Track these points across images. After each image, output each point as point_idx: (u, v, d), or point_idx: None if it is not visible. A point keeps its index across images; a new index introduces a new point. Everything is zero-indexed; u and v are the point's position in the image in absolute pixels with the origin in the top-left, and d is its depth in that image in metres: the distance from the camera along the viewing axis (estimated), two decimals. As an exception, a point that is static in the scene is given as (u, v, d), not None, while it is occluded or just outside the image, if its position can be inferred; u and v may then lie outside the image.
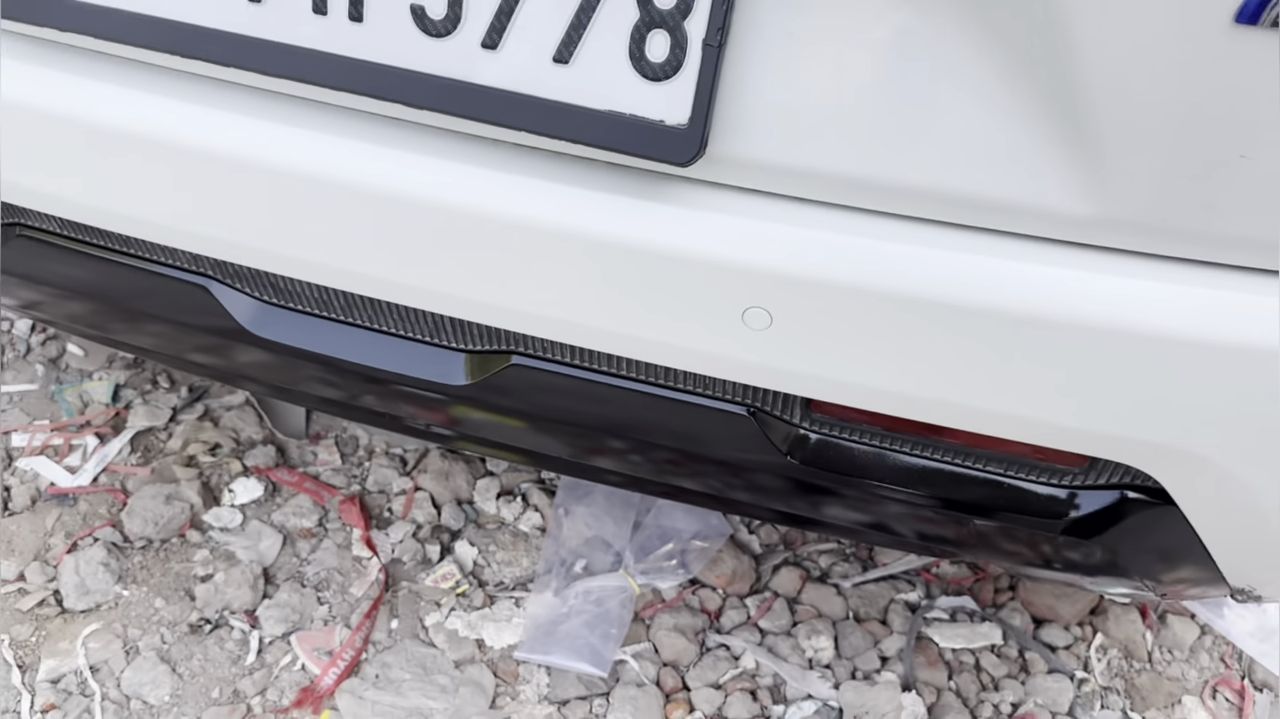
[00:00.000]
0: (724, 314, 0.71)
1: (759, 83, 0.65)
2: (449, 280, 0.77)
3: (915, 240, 0.69)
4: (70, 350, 1.67)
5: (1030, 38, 0.60)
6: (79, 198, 0.84)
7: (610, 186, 0.71)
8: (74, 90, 0.79)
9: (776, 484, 0.90)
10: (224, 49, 0.72)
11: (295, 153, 0.75)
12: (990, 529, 0.86)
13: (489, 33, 0.67)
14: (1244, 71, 0.58)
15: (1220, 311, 0.68)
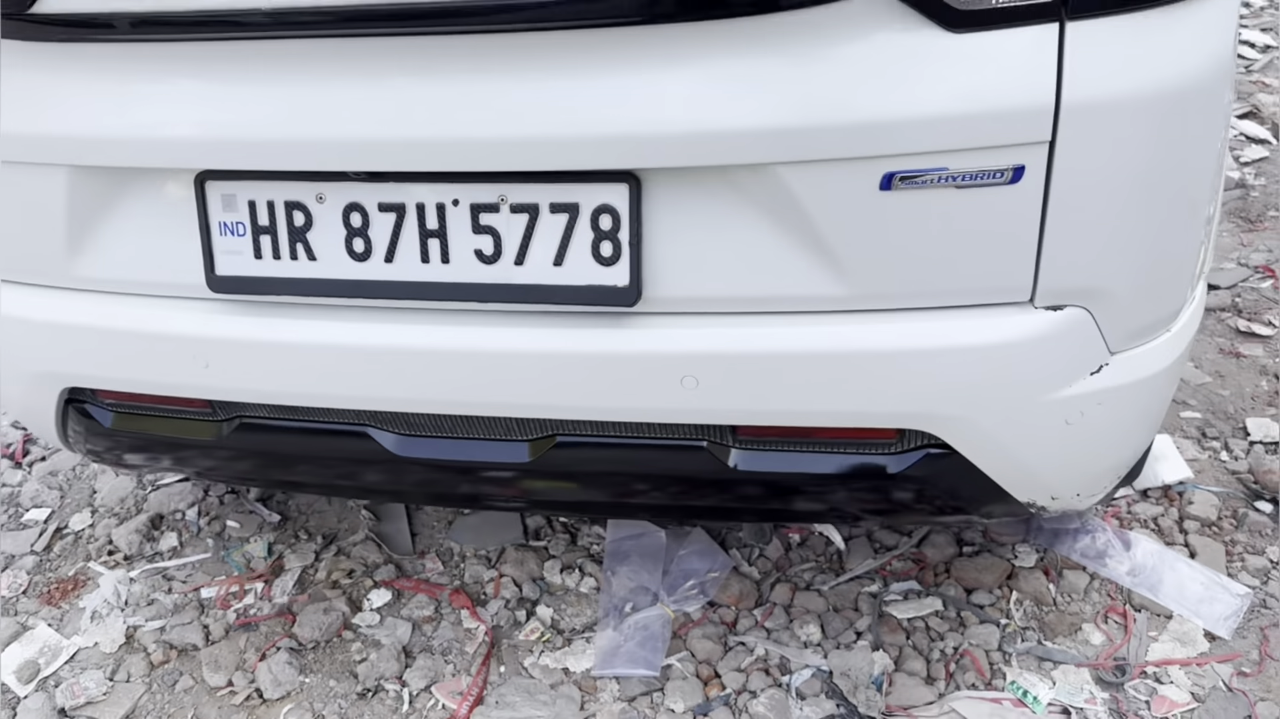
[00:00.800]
0: (669, 382, 1.28)
1: (661, 257, 1.24)
2: (514, 395, 1.34)
3: (767, 324, 1.26)
4: (229, 524, 2.24)
5: (789, 213, 1.19)
6: (289, 389, 1.42)
7: (595, 324, 1.28)
8: (284, 325, 1.38)
9: (727, 491, 1.44)
10: (375, 290, 1.32)
11: (418, 339, 1.33)
12: (859, 491, 1.39)
13: (518, 256, 1.27)
14: (880, 217, 1.16)
15: (947, 331, 1.24)
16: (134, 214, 1.39)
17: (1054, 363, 1.26)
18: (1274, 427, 2.21)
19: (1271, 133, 3.33)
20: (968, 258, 1.20)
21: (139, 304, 1.45)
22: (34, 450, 2.53)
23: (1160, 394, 1.37)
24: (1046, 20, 1.09)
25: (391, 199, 1.29)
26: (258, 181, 1.32)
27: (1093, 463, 1.38)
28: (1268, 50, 3.94)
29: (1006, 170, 1.13)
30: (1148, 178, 1.18)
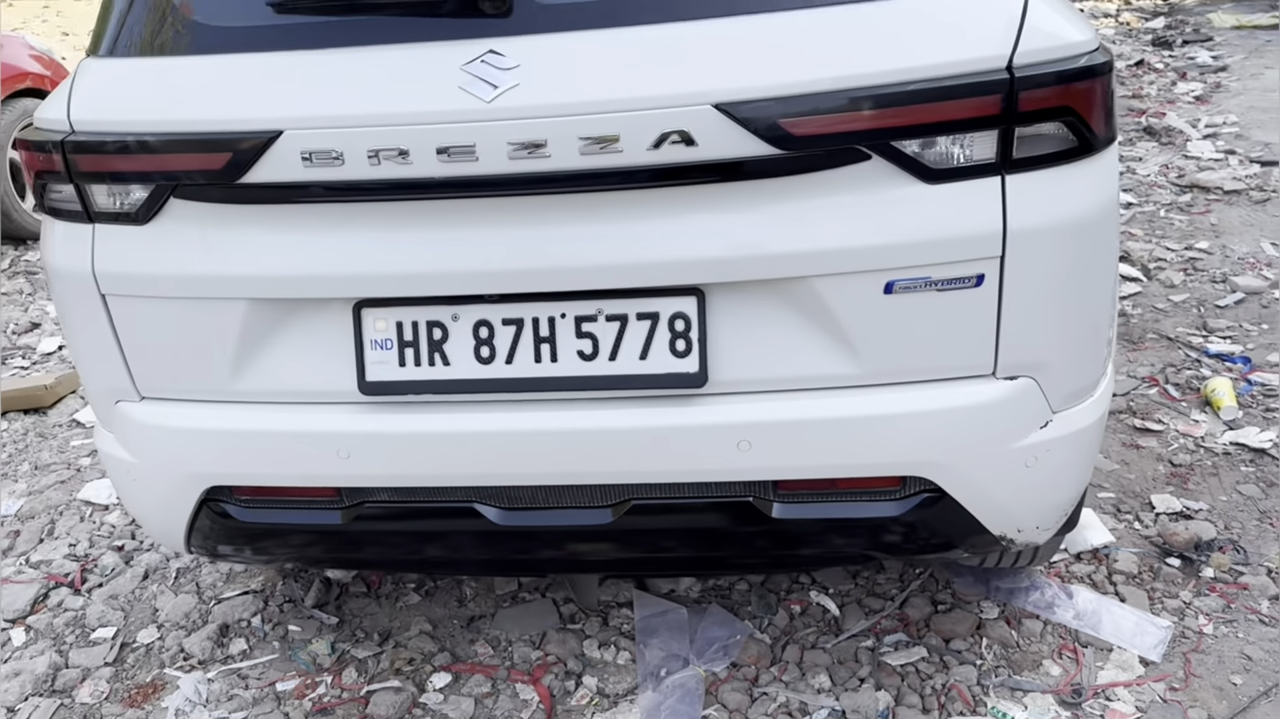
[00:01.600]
0: (728, 445, 1.67)
1: (722, 349, 1.65)
2: (605, 464, 1.71)
3: (802, 397, 1.67)
4: (291, 628, 2.49)
5: (818, 313, 1.62)
6: (417, 471, 1.77)
7: (672, 403, 1.68)
8: (417, 418, 1.74)
9: (771, 539, 1.82)
10: (496, 386, 1.70)
11: (528, 423, 1.70)
12: (874, 531, 1.78)
13: (611, 354, 1.67)
14: (884, 314, 1.60)
15: (935, 398, 1.67)
16: (296, 336, 1.75)
17: (1013, 420, 1.70)
18: (1174, 501, 2.68)
19: (1142, 273, 3.98)
20: (948, 342, 1.65)
21: (290, 410, 1.79)
22: (91, 578, 2.76)
23: (1089, 444, 1.81)
24: (992, 175, 1.57)
25: (513, 315, 1.69)
26: (405, 307, 1.71)
27: (1046, 498, 1.80)
28: (1130, 207, 4.67)
29: (971, 277, 1.60)
30: (1070, 281, 1.65)
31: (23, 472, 3.35)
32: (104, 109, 1.73)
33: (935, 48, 1.53)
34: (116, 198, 1.74)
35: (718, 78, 1.53)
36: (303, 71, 1.63)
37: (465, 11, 1.59)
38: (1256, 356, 3.32)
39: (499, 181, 1.59)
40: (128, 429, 1.90)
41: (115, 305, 1.80)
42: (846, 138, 1.53)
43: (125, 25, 1.80)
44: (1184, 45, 7.44)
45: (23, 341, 4.38)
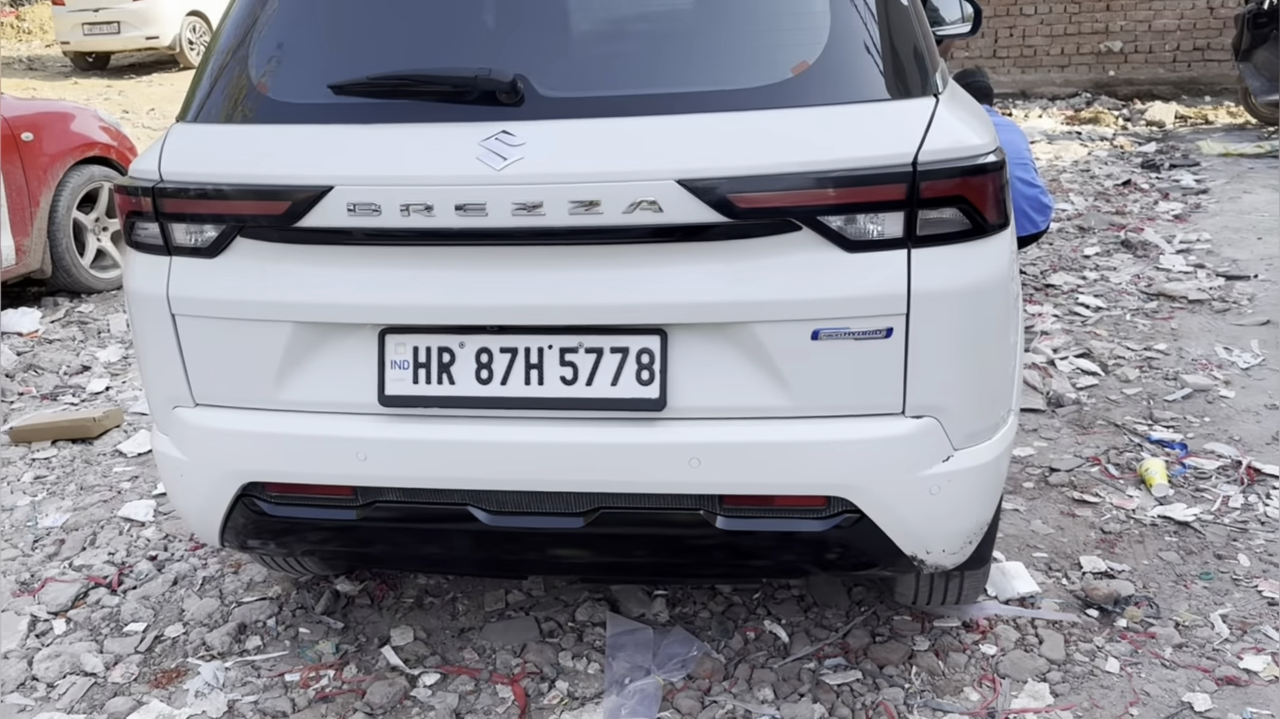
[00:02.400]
0: (681, 462, 2.01)
1: (679, 380, 2.00)
2: (579, 474, 2.05)
3: (743, 424, 2.01)
4: (301, 630, 2.80)
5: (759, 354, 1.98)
6: (423, 473, 2.11)
7: (635, 424, 2.02)
8: (426, 428, 2.09)
9: (716, 550, 2.14)
10: (492, 403, 2.05)
11: (519, 435, 2.05)
12: (804, 544, 2.10)
13: (588, 380, 2.02)
14: (812, 357, 1.96)
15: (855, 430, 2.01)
16: (330, 354, 2.12)
17: (919, 452, 2.03)
18: (1100, 562, 2.97)
19: (1101, 368, 4.31)
20: (864, 383, 1.99)
21: (319, 417, 2.15)
22: (126, 581, 3.09)
23: (988, 480, 2.13)
24: (900, 248, 1.94)
25: (509, 344, 2.05)
26: (421, 334, 2.08)
27: (950, 524, 2.11)
28: (1099, 311, 5.02)
29: (882, 330, 1.95)
30: (965, 339, 2.00)
31: (69, 491, 3.70)
32: (188, 163, 2.14)
33: (855, 143, 1.92)
34: (193, 235, 2.13)
35: (681, 158, 1.91)
36: (352, 140, 2.04)
37: (486, 100, 2.00)
38: (1194, 444, 3.63)
39: (503, 234, 1.97)
40: (181, 431, 2.25)
41: (183, 324, 2.17)
42: (781, 211, 1.91)
43: (210, 97, 2.22)
44: (1171, 169, 7.89)
45: (74, 381, 4.78)
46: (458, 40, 2.09)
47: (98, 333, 5.43)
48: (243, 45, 2.21)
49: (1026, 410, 3.96)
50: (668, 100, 1.98)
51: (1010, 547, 3.06)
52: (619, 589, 2.86)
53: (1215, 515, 3.18)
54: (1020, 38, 12.06)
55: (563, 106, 1.99)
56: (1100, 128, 9.91)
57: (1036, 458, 3.60)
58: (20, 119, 5.56)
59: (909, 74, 2.04)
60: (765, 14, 2.08)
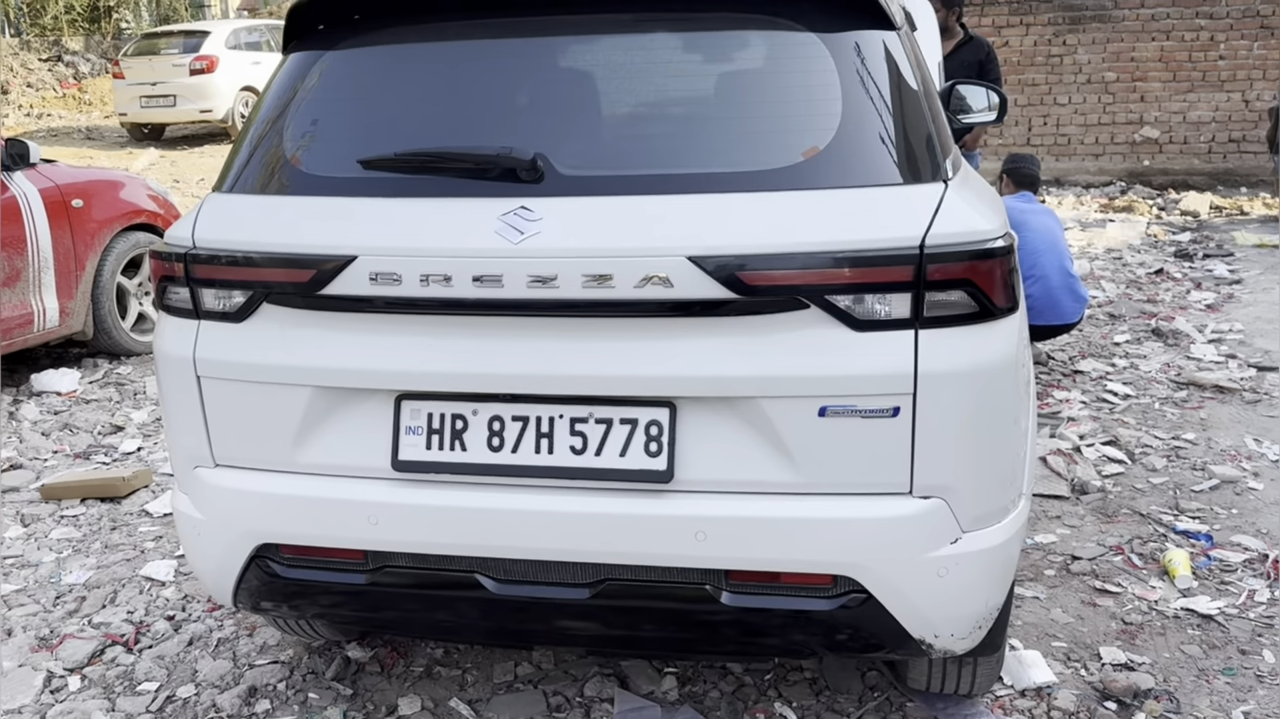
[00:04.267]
0: (687, 535, 2.02)
1: (687, 453, 2.02)
2: (586, 543, 2.06)
3: (750, 499, 2.02)
4: (310, 696, 2.80)
5: (766, 429, 1.99)
6: (433, 539, 2.13)
7: (643, 495, 2.04)
8: (437, 493, 2.12)
9: (719, 623, 2.13)
10: (503, 470, 2.08)
11: (529, 504, 2.07)
12: (808, 623, 2.08)
13: (597, 450, 2.04)
14: (818, 433, 1.97)
15: (861, 508, 2.01)
16: (347, 419, 2.16)
17: (927, 533, 2.02)
18: (1120, 653, 2.91)
19: (1127, 456, 4.26)
20: (871, 461, 2.00)
21: (333, 480, 2.18)
22: (143, 640, 3.11)
23: (997, 564, 2.11)
24: (907, 328, 1.96)
25: (521, 413, 2.09)
26: (435, 401, 2.12)
27: (958, 608, 2.09)
28: (1127, 398, 4.99)
29: (889, 409, 1.97)
30: (972, 420, 2.01)
31: (94, 549, 3.75)
32: (221, 231, 2.22)
33: (864, 226, 1.96)
34: (221, 300, 2.20)
35: (692, 236, 1.96)
36: (377, 212, 2.11)
37: (506, 177, 2.07)
38: (1220, 536, 3.57)
39: (519, 305, 2.02)
40: (200, 490, 2.30)
41: (207, 386, 2.23)
42: (790, 290, 1.95)
43: (245, 169, 2.31)
44: (1204, 258, 7.87)
45: (107, 441, 4.87)
46: (481, 120, 2.17)
47: (133, 394, 5.54)
48: (279, 121, 2.30)
49: (1050, 497, 3.92)
50: (681, 180, 2.04)
51: (1029, 635, 3.01)
52: (628, 664, 2.84)
53: (1240, 609, 3.12)
54: (1054, 126, 12.17)
55: (580, 184, 2.06)
56: (1134, 216, 9.92)
57: (1059, 545, 3.56)
58: (71, 186, 5.76)
59: (919, 159, 2.08)
60: (778, 100, 2.14)
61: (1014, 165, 5.60)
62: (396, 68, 2.30)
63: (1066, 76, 12.02)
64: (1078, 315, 5.24)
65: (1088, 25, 11.86)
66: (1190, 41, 11.66)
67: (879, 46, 2.16)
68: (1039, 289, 5.04)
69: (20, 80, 18.65)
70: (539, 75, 2.26)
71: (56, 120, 17.46)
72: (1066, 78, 12.02)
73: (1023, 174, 5.53)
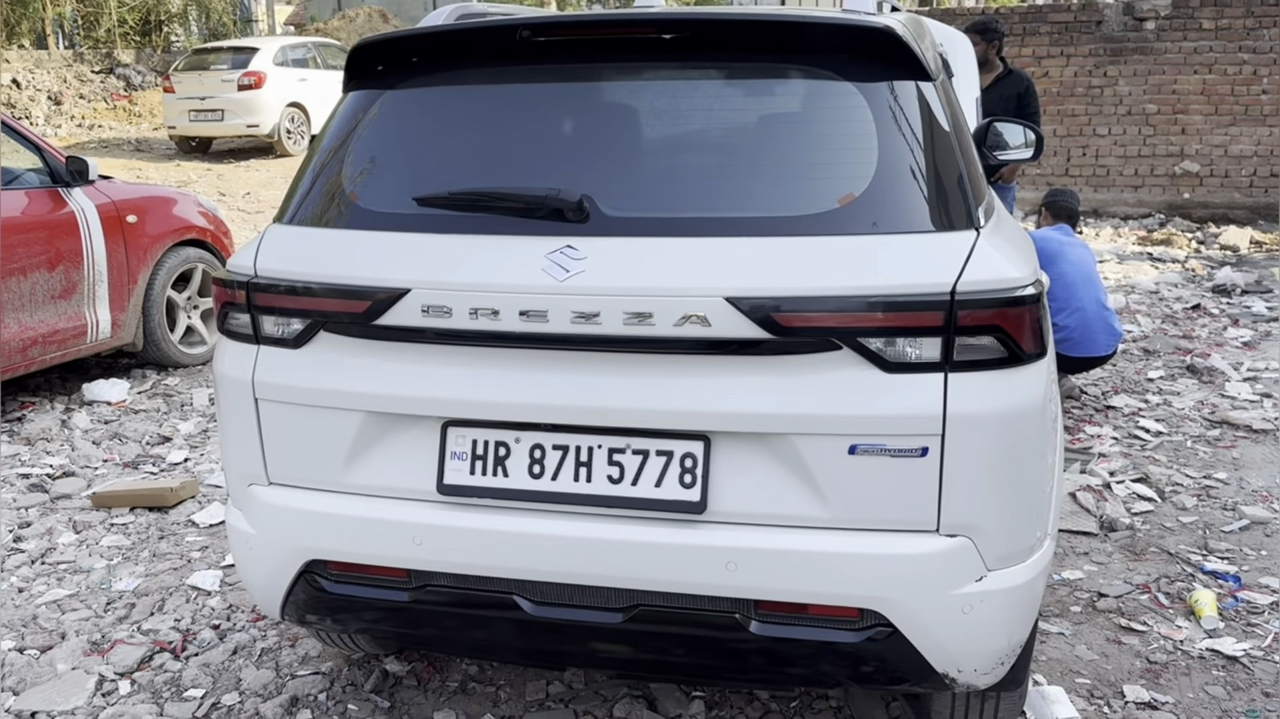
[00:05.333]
0: (719, 565, 2.09)
1: (720, 485, 2.10)
2: (620, 569, 2.14)
3: (779, 532, 2.09)
4: (350, 707, 2.90)
5: (797, 465, 2.07)
6: (474, 560, 2.22)
7: (676, 525, 2.12)
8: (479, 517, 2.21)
9: (747, 651, 2.20)
10: (542, 497, 2.16)
11: (567, 530, 2.15)
12: (835, 654, 2.15)
13: (634, 480, 2.13)
14: (848, 470, 2.04)
15: (889, 544, 2.08)
16: (396, 443, 2.26)
17: (952, 570, 2.08)
18: (1144, 692, 2.95)
19: (1158, 494, 4.28)
20: (899, 499, 2.07)
21: (380, 502, 2.28)
22: (190, 648, 3.22)
23: (1021, 602, 2.17)
24: (937, 371, 2.03)
25: (561, 442, 2.18)
26: (480, 429, 2.21)
27: (982, 644, 2.15)
28: (1159, 435, 5.00)
29: (918, 449, 2.04)
30: (1000, 462, 2.07)
31: (143, 557, 3.88)
32: (281, 261, 2.33)
33: (896, 271, 2.04)
34: (280, 327, 2.31)
35: (730, 278, 2.05)
36: (430, 248, 2.21)
37: (554, 217, 2.17)
38: (1248, 578, 3.59)
39: (562, 339, 2.11)
40: (254, 507, 2.41)
41: (264, 409, 2.34)
42: (823, 331, 2.02)
43: (305, 202, 2.43)
44: (1242, 294, 7.84)
45: (155, 451, 5.02)
46: (531, 161, 2.28)
47: (181, 406, 5.70)
48: (337, 156, 2.42)
49: (1078, 533, 3.95)
50: (720, 224, 2.13)
51: (1053, 671, 3.05)
52: (657, 688, 2.91)
53: (1265, 652, 3.14)
54: (1094, 157, 12.15)
55: (624, 225, 2.15)
56: (1173, 250, 9.89)
57: (1085, 582, 3.59)
58: (126, 202, 5.95)
59: (952, 207, 2.16)
60: (816, 147, 2.23)
61: (1054, 199, 5.65)
62: (451, 109, 2.41)
63: (1107, 108, 12.00)
64: (1112, 348, 5.26)
65: (1129, 57, 11.85)
66: (1233, 75, 11.62)
67: (915, 97, 2.24)
68: (1075, 320, 5.08)
69: (73, 91, 19.12)
70: (586, 119, 2.35)
71: (107, 131, 17.88)
72: (1106, 109, 12.01)
73: (1061, 207, 5.58)
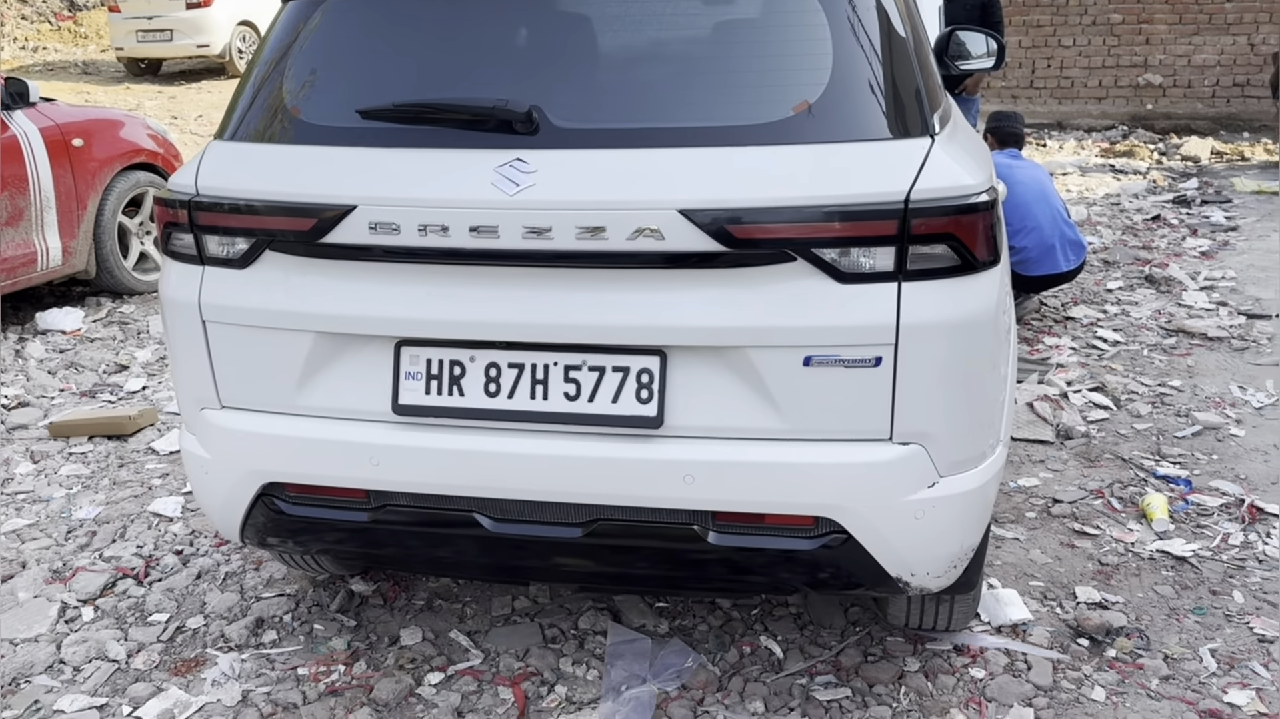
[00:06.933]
0: (676, 478, 2.10)
1: (676, 399, 2.10)
2: (579, 485, 2.15)
3: (736, 444, 2.10)
4: (316, 627, 2.92)
5: (752, 378, 2.07)
6: (432, 479, 2.22)
7: (633, 439, 2.12)
8: (435, 436, 2.20)
9: (709, 564, 2.22)
10: (499, 415, 2.15)
11: (523, 447, 2.15)
12: (791, 561, 2.18)
13: (590, 396, 2.12)
14: (803, 382, 2.04)
15: (843, 453, 2.09)
16: (348, 364, 2.24)
17: (905, 477, 2.11)
18: (1095, 593, 3.02)
19: (1113, 402, 4.35)
20: (853, 409, 2.08)
21: (336, 423, 2.26)
22: (153, 573, 3.22)
23: (973, 507, 2.20)
24: (891, 281, 2.03)
25: (517, 360, 2.16)
26: (434, 348, 2.19)
27: (934, 548, 2.19)
28: (1116, 345, 5.06)
29: (871, 359, 2.04)
30: (951, 370, 2.08)
31: (103, 485, 3.86)
32: (224, 179, 2.27)
33: (851, 180, 2.01)
34: (224, 247, 2.26)
35: (683, 190, 2.02)
36: (376, 163, 2.16)
37: (502, 129, 2.12)
38: (1199, 481, 3.67)
39: (514, 255, 2.08)
40: (208, 431, 2.38)
41: (213, 331, 2.30)
42: (777, 243, 2.01)
43: (246, 118, 2.36)
44: (1202, 205, 7.89)
45: (112, 380, 4.96)
46: (478, 72, 2.22)
47: (137, 333, 5.62)
48: (278, 69, 2.34)
49: (1035, 441, 4.01)
50: (673, 134, 2.09)
51: (1007, 574, 3.12)
52: (621, 600, 2.95)
53: (1214, 552, 3.23)
54: (1058, 69, 12.07)
55: (574, 137, 2.11)
56: (1135, 161, 9.90)
57: (1041, 488, 3.66)
58: (72, 125, 5.77)
59: (907, 114, 2.13)
60: (770, 54, 2.18)
61: (997, 124, 5.59)
62: (395, 18, 2.34)
63: (1071, 18, 11.89)
64: (1076, 264, 5.27)
65: (1095, -35, 11.71)
66: (1198, -17, 11.52)
67: (871, 2, 2.20)
68: (1032, 240, 5.09)
69: (14, 13, 18.42)
70: (536, 27, 2.29)
71: (52, 54, 17.29)
72: (1071, 19, 11.90)
73: (1006, 132, 5.53)
